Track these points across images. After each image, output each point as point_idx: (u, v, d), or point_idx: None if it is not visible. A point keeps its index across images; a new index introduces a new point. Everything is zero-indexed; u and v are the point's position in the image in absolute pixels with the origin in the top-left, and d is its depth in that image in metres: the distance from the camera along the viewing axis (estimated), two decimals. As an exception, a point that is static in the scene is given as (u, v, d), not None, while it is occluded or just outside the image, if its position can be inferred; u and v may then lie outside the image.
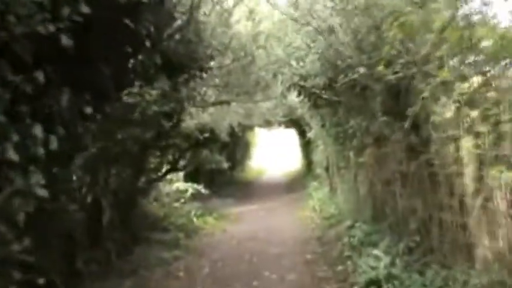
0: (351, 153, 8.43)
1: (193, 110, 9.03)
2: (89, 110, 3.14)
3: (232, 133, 14.63)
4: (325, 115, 9.41)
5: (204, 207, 11.84)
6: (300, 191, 16.26)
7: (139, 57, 4.13)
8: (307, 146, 18.83)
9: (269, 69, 8.08)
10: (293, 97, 11.21)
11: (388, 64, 4.53)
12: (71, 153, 3.56)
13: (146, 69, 4.31)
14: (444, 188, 4.46)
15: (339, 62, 5.78)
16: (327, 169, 12.43)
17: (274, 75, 8.19)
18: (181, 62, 5.25)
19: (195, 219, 10.89)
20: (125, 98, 4.89)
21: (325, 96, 6.93)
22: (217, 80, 8.16)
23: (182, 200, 11.61)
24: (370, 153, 6.01)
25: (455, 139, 4.13)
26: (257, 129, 24.88)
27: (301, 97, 8.65)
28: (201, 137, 9.89)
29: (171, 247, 8.25)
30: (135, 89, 5.05)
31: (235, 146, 19.33)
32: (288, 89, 8.41)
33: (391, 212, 5.84)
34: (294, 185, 18.69)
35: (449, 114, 4.16)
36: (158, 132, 7.12)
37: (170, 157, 10.15)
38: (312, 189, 14.47)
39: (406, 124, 4.49)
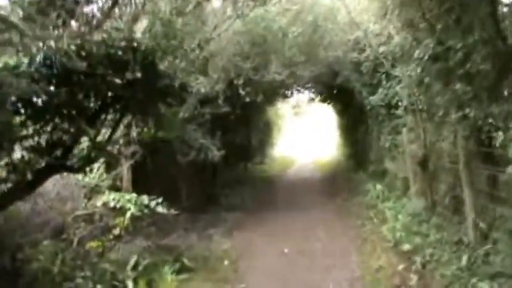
0: None
1: None
2: None
3: (236, 100, 8.37)
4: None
5: (162, 246, 5.61)
6: (349, 196, 9.82)
7: None
8: (355, 126, 12.41)
9: None
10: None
11: None
12: None
13: None
14: None
15: None
16: (422, 164, 5.97)
17: None
18: None
19: (130, 284, 4.64)
20: None
21: None
22: None
23: (116, 232, 5.45)
24: None
25: None
26: (280, 105, 18.63)
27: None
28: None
29: None
30: None
31: (250, 125, 13.00)
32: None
33: None
34: (337, 185, 12.18)
35: None
36: None
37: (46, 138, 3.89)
38: (378, 198, 8.05)
39: None
